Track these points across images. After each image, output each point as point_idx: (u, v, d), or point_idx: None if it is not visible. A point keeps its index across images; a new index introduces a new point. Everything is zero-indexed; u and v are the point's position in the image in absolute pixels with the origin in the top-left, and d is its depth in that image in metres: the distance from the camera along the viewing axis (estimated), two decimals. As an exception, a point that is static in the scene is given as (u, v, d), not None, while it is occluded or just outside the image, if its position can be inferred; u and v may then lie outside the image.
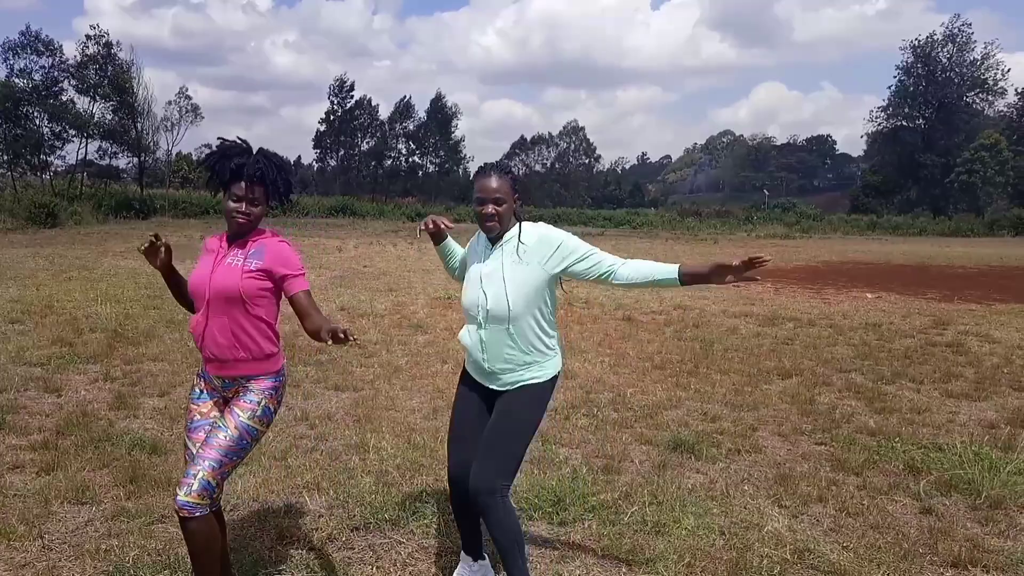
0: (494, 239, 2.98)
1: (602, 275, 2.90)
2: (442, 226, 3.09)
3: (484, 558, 3.25)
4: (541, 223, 3.00)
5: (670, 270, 2.86)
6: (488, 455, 2.88)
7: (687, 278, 2.85)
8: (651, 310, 11.23)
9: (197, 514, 2.64)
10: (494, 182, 2.91)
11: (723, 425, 5.67)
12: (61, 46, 42.54)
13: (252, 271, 2.76)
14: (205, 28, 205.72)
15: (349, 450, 4.88)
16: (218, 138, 2.85)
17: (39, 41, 41.81)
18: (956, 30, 68.47)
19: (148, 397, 6.01)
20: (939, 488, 4.49)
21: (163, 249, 2.85)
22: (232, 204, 2.78)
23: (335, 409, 5.82)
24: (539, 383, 2.97)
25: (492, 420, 2.97)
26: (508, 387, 2.98)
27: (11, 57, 41.57)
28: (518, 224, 2.98)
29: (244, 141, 2.84)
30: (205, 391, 2.92)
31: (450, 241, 3.30)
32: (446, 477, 4.40)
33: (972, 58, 68.68)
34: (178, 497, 2.64)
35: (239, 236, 2.84)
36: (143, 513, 3.82)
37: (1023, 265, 23.99)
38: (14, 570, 3.25)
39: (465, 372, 3.16)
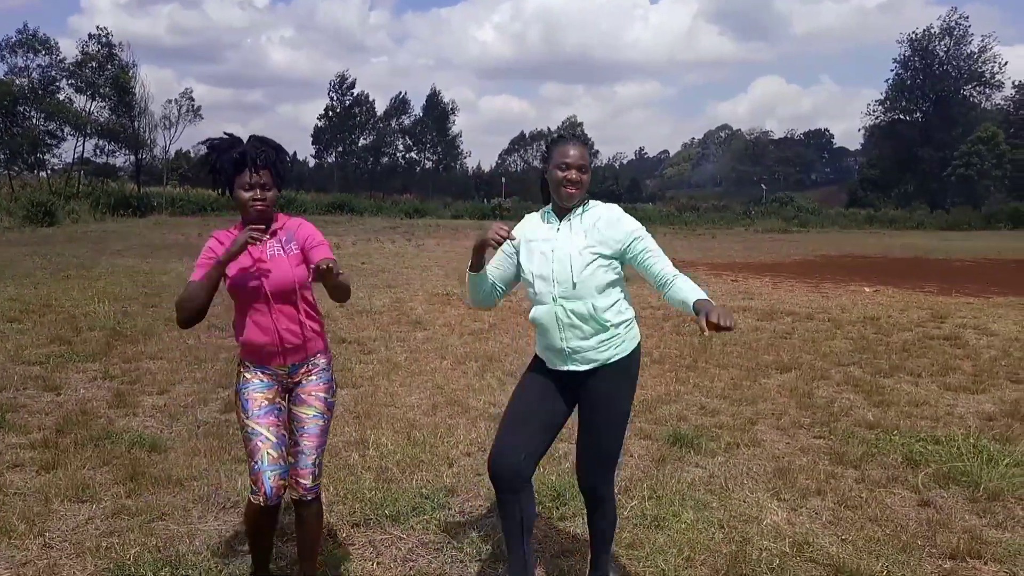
0: (563, 211, 2.92)
1: (657, 279, 2.84)
2: (506, 232, 2.80)
3: None
4: (615, 205, 2.97)
5: (688, 301, 2.71)
6: (599, 454, 2.93)
7: (698, 312, 2.74)
8: (650, 304, 11.23)
9: (318, 492, 2.89)
10: (577, 150, 2.86)
11: (722, 419, 5.68)
12: (58, 44, 42.51)
13: (297, 256, 2.82)
14: (201, 25, 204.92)
15: (349, 447, 4.89)
16: (207, 139, 2.85)
17: (36, 40, 41.74)
18: (953, 23, 68.63)
19: (147, 395, 6.01)
20: (937, 480, 4.50)
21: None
22: (246, 194, 2.76)
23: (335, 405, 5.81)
24: (624, 358, 2.90)
25: (595, 416, 2.91)
26: (590, 365, 2.87)
27: (8, 55, 41.53)
28: (588, 200, 2.95)
29: (231, 135, 2.85)
30: (265, 379, 2.87)
31: (485, 272, 3.10)
32: (454, 472, 4.44)
33: (969, 51, 68.85)
34: (308, 485, 2.85)
35: (259, 225, 2.81)
36: (143, 511, 3.83)
37: (1020, 258, 24.03)
38: (15, 568, 3.25)
39: (536, 360, 3.06)
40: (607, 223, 2.87)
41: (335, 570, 3.31)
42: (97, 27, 41.59)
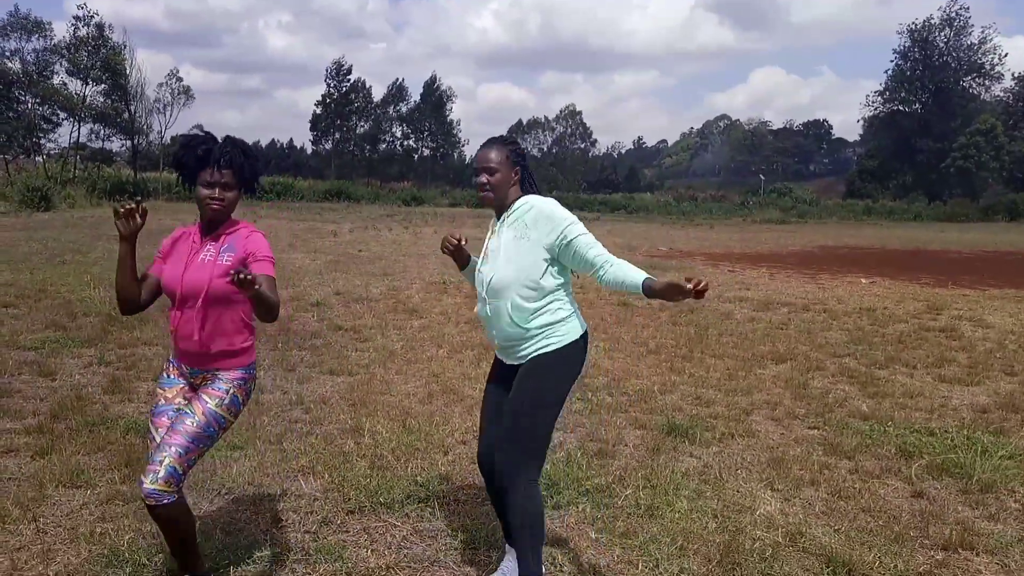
0: (498, 212, 2.99)
1: (587, 268, 2.84)
2: (457, 240, 3.08)
3: None
4: (551, 199, 2.92)
5: (636, 281, 2.72)
6: (508, 436, 2.87)
7: (648, 291, 2.71)
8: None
9: (165, 501, 2.61)
10: (489, 152, 2.92)
11: (717, 409, 5.69)
12: (52, 26, 42.19)
13: (226, 267, 2.71)
14: (198, 9, 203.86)
15: (344, 434, 4.89)
16: (180, 135, 2.85)
17: (29, 22, 41.41)
18: (953, 14, 68.28)
19: (143, 381, 6.00)
20: (931, 472, 4.52)
21: (140, 216, 2.73)
22: (204, 191, 2.75)
23: (330, 393, 5.82)
24: (550, 351, 2.88)
25: (509, 399, 2.92)
26: (522, 361, 2.92)
27: (1, 39, 41.21)
28: (523, 198, 2.94)
29: (206, 131, 2.84)
30: (173, 376, 2.93)
31: (475, 262, 3.20)
32: (449, 460, 4.44)
33: (969, 42, 68.56)
34: (144, 485, 2.60)
35: (213, 226, 2.82)
36: (138, 497, 3.81)
37: (1017, 250, 24.06)
38: (9, 553, 3.25)
39: (494, 354, 3.14)
40: (538, 216, 2.86)
41: (329, 557, 3.31)
42: (78, 7, 41.06)
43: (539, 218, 2.86)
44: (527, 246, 2.85)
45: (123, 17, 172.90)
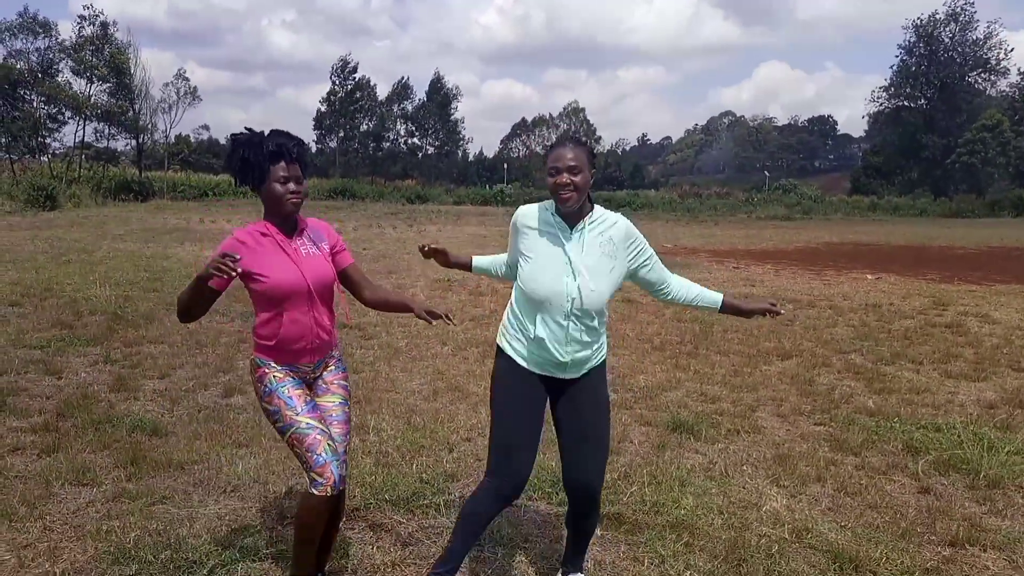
0: (571, 218, 2.78)
1: (657, 286, 2.91)
2: (428, 248, 3.16)
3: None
4: (621, 215, 2.85)
5: (715, 299, 2.93)
6: (597, 452, 2.87)
7: (728, 309, 2.93)
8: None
9: (341, 487, 2.77)
10: (569, 151, 2.70)
11: (722, 406, 5.68)
12: (57, 26, 42.29)
13: (328, 254, 2.85)
14: (202, 7, 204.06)
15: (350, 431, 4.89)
16: (231, 135, 2.81)
17: (36, 22, 41.50)
18: (959, 9, 67.94)
19: (148, 379, 6.02)
20: (938, 468, 4.50)
21: (236, 271, 2.54)
22: (281, 187, 2.68)
23: (335, 391, 5.82)
24: (603, 360, 2.94)
25: (585, 414, 2.86)
26: (583, 371, 2.87)
27: (8, 38, 41.30)
28: (594, 207, 2.83)
29: (252, 129, 2.79)
30: (295, 377, 2.84)
31: (478, 260, 3.17)
32: (454, 457, 4.44)
33: (975, 37, 68.26)
34: (341, 475, 2.74)
35: (288, 221, 2.78)
36: (144, 494, 3.84)
37: (1023, 246, 23.95)
38: (16, 551, 3.27)
39: (509, 360, 2.88)
40: (625, 236, 2.81)
41: (335, 554, 3.32)
42: (84, 7, 40.94)
43: (627, 237, 2.82)
44: (617, 265, 2.80)
45: (126, 15, 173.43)
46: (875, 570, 3.28)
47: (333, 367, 2.98)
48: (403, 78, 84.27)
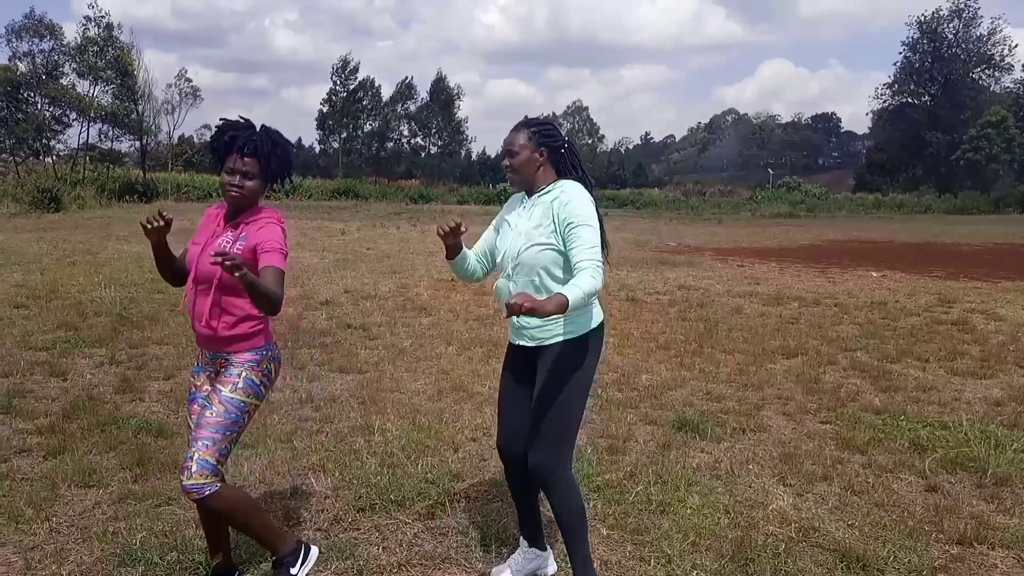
0: (529, 193, 2.99)
1: (572, 262, 2.79)
2: (450, 228, 2.89)
3: (546, 549, 3.21)
4: (579, 190, 2.89)
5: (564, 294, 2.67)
6: (540, 430, 2.86)
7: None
8: (655, 290, 11.20)
9: (207, 492, 2.68)
10: (512, 135, 2.96)
11: (728, 404, 5.67)
12: (62, 28, 42.36)
13: (238, 254, 2.69)
14: (204, 8, 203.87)
15: (354, 432, 4.89)
16: (220, 119, 2.86)
17: (42, 24, 41.58)
18: (963, 5, 67.71)
19: (154, 380, 6.03)
20: (945, 466, 4.48)
21: (165, 225, 2.78)
22: (225, 177, 2.78)
23: (340, 391, 5.83)
24: (573, 339, 2.88)
25: (537, 391, 2.90)
26: (540, 343, 2.89)
27: (14, 40, 41.38)
28: (559, 182, 2.93)
29: (245, 119, 2.83)
30: (200, 364, 2.96)
31: (465, 252, 3.16)
32: (459, 457, 4.44)
33: (979, 34, 68.05)
34: (184, 483, 2.67)
35: (235, 214, 2.85)
36: (150, 495, 3.84)
37: (1029, 242, 23.87)
38: (23, 553, 3.27)
39: (509, 345, 3.09)
40: (559, 198, 2.87)
41: (340, 555, 3.31)
42: (88, 6, 40.91)
43: (560, 200, 2.85)
44: (550, 230, 2.84)
45: (129, 16, 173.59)
46: (883, 569, 3.27)
47: (226, 370, 2.83)
48: (407, 78, 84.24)
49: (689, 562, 3.30)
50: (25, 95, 41.56)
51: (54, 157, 43.85)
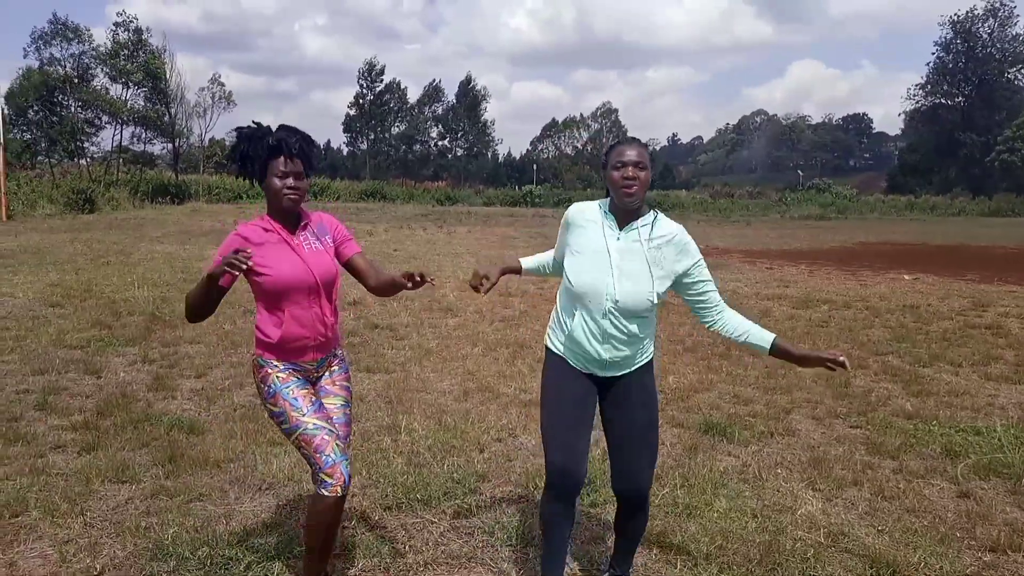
0: (623, 218, 2.80)
1: (705, 312, 2.85)
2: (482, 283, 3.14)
3: None
4: (682, 227, 2.85)
5: (765, 338, 2.79)
6: (645, 456, 2.88)
7: (778, 352, 2.81)
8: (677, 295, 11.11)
9: (348, 486, 2.75)
10: (635, 149, 2.75)
11: (756, 408, 5.62)
12: (91, 32, 43.06)
13: (331, 248, 2.84)
14: (234, 13, 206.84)
15: (381, 431, 4.93)
16: (234, 128, 2.83)
17: (68, 28, 42.32)
18: (998, 4, 66.57)
19: (185, 379, 6.12)
20: (977, 472, 4.41)
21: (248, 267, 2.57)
22: (279, 182, 2.69)
23: (367, 391, 5.87)
24: (650, 359, 2.92)
25: (633, 419, 2.86)
26: (623, 371, 2.86)
27: (43, 46, 42.16)
28: (656, 214, 2.84)
29: (260, 123, 2.79)
30: (298, 377, 2.83)
31: (526, 262, 3.23)
32: (485, 458, 4.45)
33: (1014, 33, 66.87)
34: (349, 474, 2.72)
35: (290, 217, 2.78)
36: (182, 492, 3.90)
37: (1067, 245, 23.37)
38: (58, 546, 3.34)
39: (558, 359, 2.92)
40: (677, 243, 2.80)
41: (367, 553, 3.34)
42: (117, 13, 41.76)
43: (679, 246, 2.80)
44: (661, 273, 2.78)
45: (160, 21, 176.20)
46: (913, 575, 3.22)
47: (337, 368, 2.98)
48: (434, 81, 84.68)
49: (716, 566, 3.28)
50: (59, 98, 42.34)
51: (88, 159, 44.63)
